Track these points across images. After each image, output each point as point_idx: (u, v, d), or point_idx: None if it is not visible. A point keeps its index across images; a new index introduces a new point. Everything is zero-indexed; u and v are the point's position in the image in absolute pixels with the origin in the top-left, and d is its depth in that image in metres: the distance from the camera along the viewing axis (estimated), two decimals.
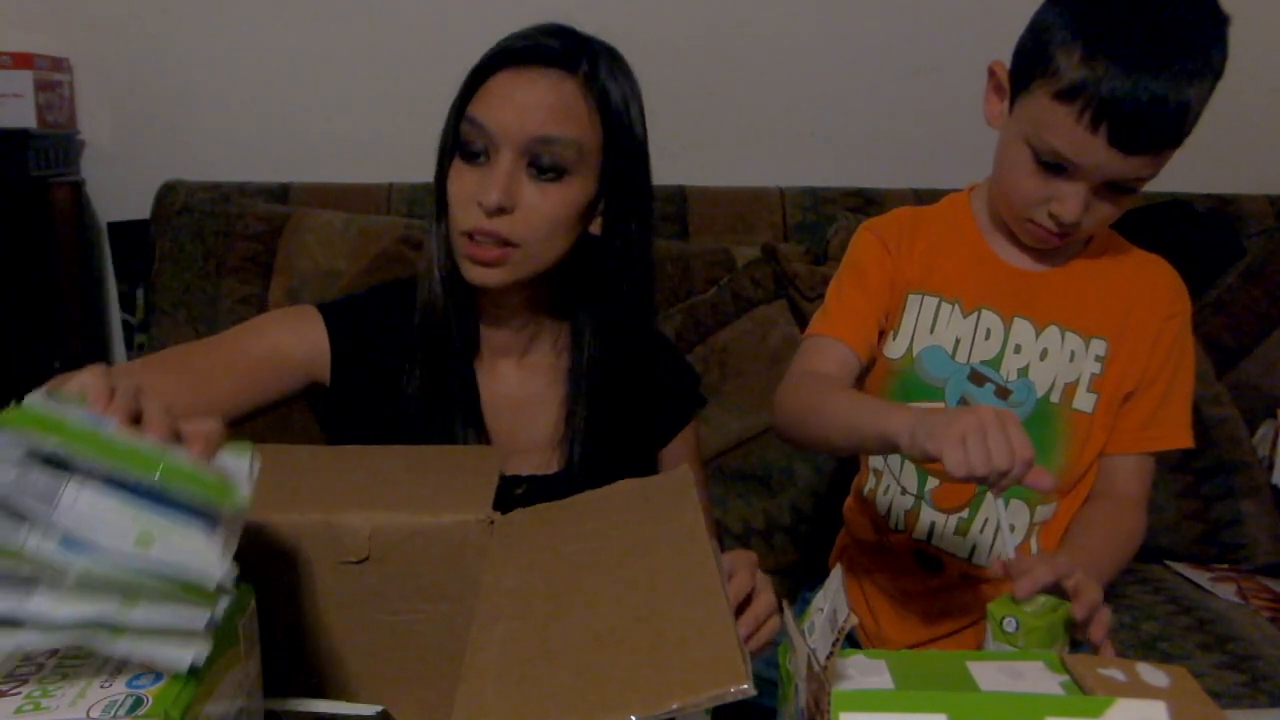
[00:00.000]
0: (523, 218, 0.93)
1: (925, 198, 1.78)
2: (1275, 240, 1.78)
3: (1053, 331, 1.01)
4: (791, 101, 1.96)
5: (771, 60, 1.95)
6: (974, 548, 1.04)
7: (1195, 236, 1.79)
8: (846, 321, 1.04)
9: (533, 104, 0.92)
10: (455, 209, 0.95)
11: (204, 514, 0.54)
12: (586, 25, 1.15)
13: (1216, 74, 0.90)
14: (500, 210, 0.92)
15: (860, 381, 1.06)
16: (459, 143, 0.94)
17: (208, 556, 0.54)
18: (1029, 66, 0.92)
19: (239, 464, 0.61)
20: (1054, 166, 0.92)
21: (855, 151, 1.97)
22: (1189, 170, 1.94)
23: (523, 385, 1.04)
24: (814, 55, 1.94)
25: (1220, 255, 1.78)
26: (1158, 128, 0.87)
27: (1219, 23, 0.90)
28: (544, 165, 0.93)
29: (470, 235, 0.94)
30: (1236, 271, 1.76)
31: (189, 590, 0.53)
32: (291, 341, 0.99)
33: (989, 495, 1.02)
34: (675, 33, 1.91)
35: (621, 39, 1.89)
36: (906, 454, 0.83)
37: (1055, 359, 1.01)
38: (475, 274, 0.96)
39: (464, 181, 0.94)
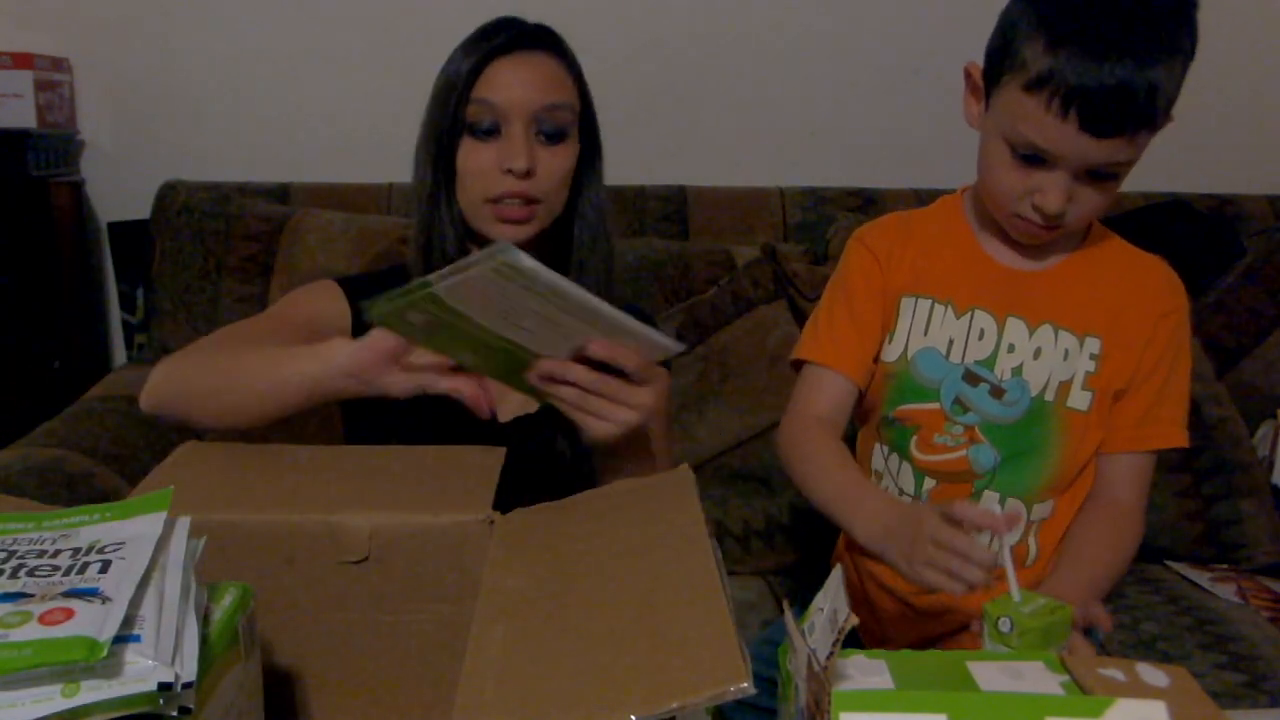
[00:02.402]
0: (543, 178, 1.06)
1: (925, 198, 1.77)
2: (1275, 240, 1.78)
3: (1046, 330, 1.01)
4: (791, 101, 1.96)
5: (772, 60, 1.95)
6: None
7: (1195, 236, 1.79)
8: (838, 349, 1.06)
9: (536, 80, 1.07)
10: (476, 180, 1.07)
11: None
12: (588, 25, 1.16)
13: (1186, 55, 0.90)
14: (528, 173, 1.05)
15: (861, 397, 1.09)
16: (467, 124, 1.06)
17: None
18: (999, 63, 0.94)
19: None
20: (1032, 158, 0.92)
21: (855, 151, 1.97)
22: (1189, 170, 1.95)
23: None
24: (814, 55, 1.95)
25: (1220, 255, 1.78)
26: (1126, 110, 0.88)
27: (1185, 3, 0.90)
28: (550, 130, 1.07)
29: (497, 200, 1.06)
30: (1236, 271, 1.76)
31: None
32: (326, 309, 1.09)
33: (985, 494, 1.03)
34: (676, 33, 1.92)
35: (623, 39, 1.90)
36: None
37: (1049, 357, 1.01)
38: (508, 231, 1.06)
39: (482, 155, 1.06)
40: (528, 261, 0.75)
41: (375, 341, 0.85)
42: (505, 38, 1.07)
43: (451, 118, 1.06)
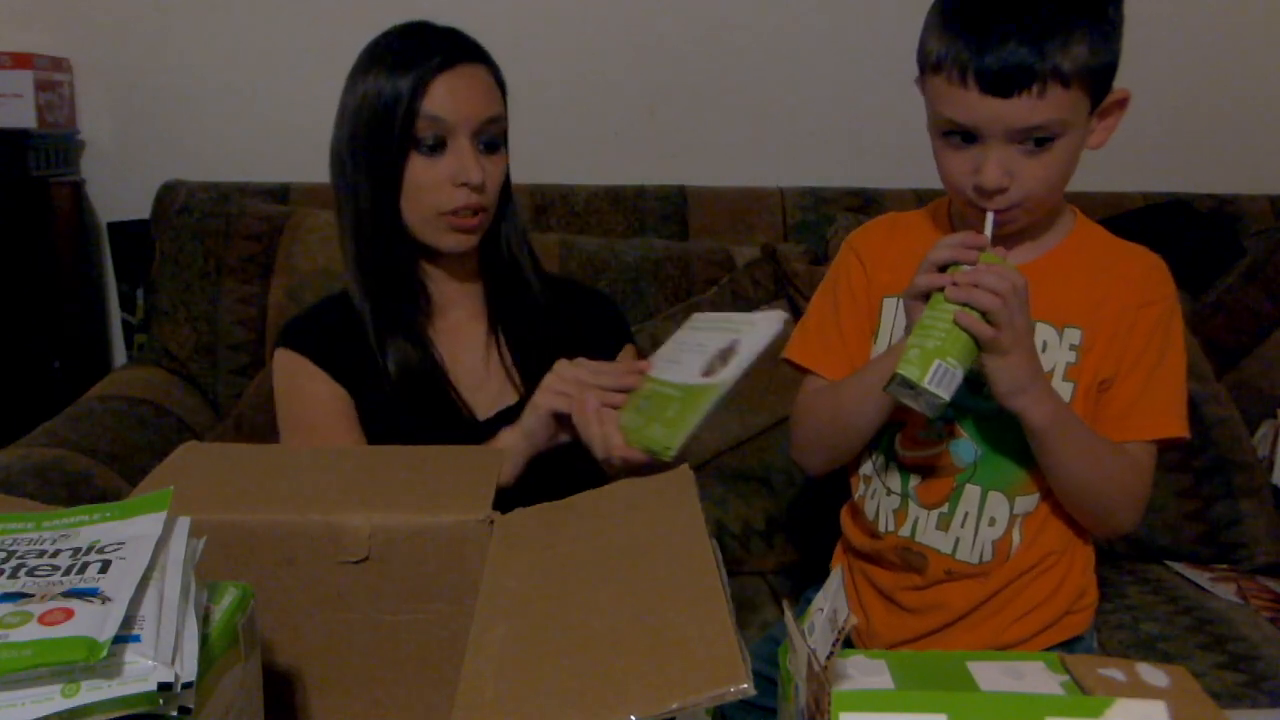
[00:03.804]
0: (488, 187, 1.11)
1: (925, 198, 1.78)
2: (1275, 240, 1.78)
3: None
4: (791, 101, 1.96)
5: (772, 60, 1.95)
6: (956, 541, 1.05)
7: (1195, 236, 1.79)
8: (828, 356, 1.10)
9: (478, 94, 1.10)
10: (429, 194, 1.09)
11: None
12: (588, 25, 1.17)
13: (1091, 11, 0.92)
14: (481, 185, 1.09)
15: None
16: (414, 139, 1.08)
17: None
18: (919, 65, 0.98)
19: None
20: (960, 138, 0.95)
21: (855, 151, 1.97)
22: (1189, 170, 1.95)
23: (471, 337, 1.20)
24: (814, 55, 1.95)
25: (1220, 255, 1.78)
26: (1016, 66, 0.90)
27: None
28: (489, 141, 1.11)
29: (453, 212, 1.10)
30: (1236, 271, 1.76)
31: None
32: (317, 389, 1.13)
33: (967, 488, 1.03)
34: (675, 33, 1.92)
35: (622, 39, 1.90)
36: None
37: None
38: (459, 241, 1.12)
39: (434, 170, 1.09)
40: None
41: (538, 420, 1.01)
42: (444, 52, 1.09)
43: (399, 133, 1.07)
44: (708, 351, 0.93)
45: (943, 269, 0.93)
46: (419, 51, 1.09)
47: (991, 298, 0.89)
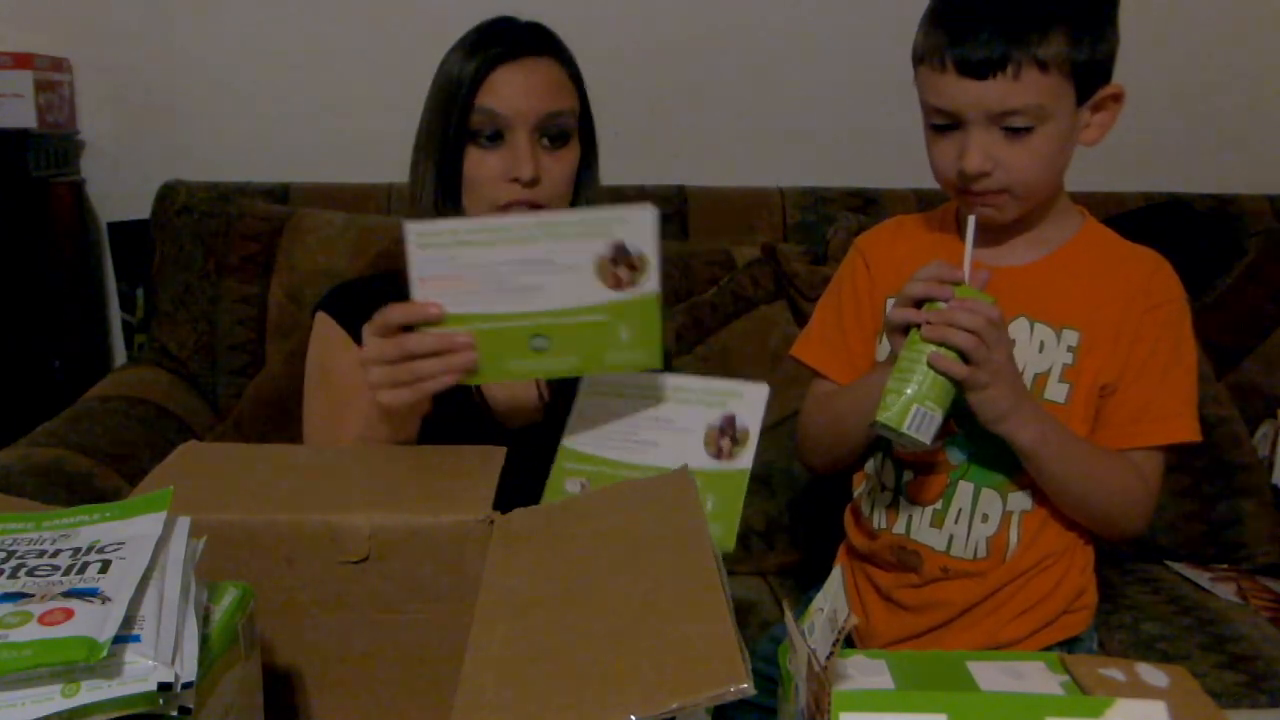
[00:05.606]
0: (547, 183, 1.08)
1: (925, 198, 1.78)
2: (1275, 240, 1.78)
3: (1021, 323, 1.01)
4: (791, 101, 1.96)
5: (772, 60, 1.95)
6: (950, 538, 1.05)
7: (1195, 236, 1.79)
8: (830, 356, 1.11)
9: (539, 87, 1.08)
10: (483, 188, 1.08)
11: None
12: (589, 25, 1.17)
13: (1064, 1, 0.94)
14: (533, 181, 1.06)
15: None
16: (471, 132, 1.07)
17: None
18: (912, 62, 1.00)
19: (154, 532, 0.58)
20: (944, 127, 0.97)
21: (855, 151, 1.97)
22: (1189, 170, 1.95)
23: None
24: (814, 55, 1.95)
25: (1220, 255, 1.78)
26: (990, 48, 0.92)
27: None
28: (554, 135, 1.09)
29: (506, 208, 1.08)
30: (1236, 271, 1.76)
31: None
32: (342, 353, 1.10)
33: (960, 485, 1.04)
34: (676, 33, 1.91)
35: (623, 39, 1.90)
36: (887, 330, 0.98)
37: (1023, 351, 1.01)
38: None
39: (488, 164, 1.08)
40: (431, 224, 0.81)
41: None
42: (507, 44, 1.08)
43: (455, 125, 1.07)
44: (697, 430, 0.91)
45: (920, 304, 0.93)
46: (484, 44, 1.09)
47: (966, 337, 0.89)
